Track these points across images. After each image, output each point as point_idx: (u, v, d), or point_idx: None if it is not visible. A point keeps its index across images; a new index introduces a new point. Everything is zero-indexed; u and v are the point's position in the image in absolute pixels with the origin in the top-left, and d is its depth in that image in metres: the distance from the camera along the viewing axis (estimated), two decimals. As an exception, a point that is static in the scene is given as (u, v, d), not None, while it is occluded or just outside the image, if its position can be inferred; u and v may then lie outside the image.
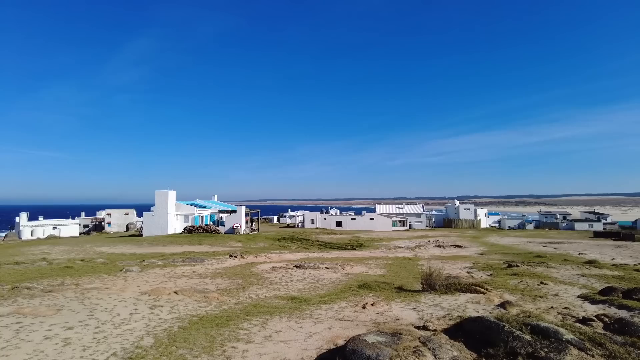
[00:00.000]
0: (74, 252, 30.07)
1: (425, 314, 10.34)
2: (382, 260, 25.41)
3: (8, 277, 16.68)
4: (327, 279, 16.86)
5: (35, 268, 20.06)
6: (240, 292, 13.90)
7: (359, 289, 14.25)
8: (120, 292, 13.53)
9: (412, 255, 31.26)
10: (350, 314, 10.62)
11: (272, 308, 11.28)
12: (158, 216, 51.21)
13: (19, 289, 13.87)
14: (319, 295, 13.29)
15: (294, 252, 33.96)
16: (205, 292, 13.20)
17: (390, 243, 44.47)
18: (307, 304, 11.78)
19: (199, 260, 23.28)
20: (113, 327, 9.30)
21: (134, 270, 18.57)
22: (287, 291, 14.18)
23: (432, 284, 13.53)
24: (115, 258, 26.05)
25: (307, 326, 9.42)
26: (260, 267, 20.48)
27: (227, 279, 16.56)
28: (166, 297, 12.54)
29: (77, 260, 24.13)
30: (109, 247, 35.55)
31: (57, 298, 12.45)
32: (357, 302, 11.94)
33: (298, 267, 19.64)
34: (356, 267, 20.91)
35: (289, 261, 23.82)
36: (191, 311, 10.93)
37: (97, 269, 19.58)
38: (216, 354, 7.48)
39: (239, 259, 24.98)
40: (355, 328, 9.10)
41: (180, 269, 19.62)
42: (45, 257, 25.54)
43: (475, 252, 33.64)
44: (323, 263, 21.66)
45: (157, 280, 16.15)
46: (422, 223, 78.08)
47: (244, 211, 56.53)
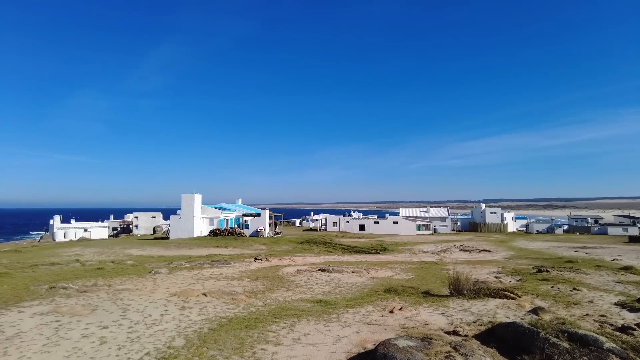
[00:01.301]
0: (105, 254, 30.95)
1: (455, 319, 10.17)
2: (407, 265, 25.14)
3: (45, 277, 17.33)
4: (352, 283, 16.80)
5: (69, 269, 20.75)
6: (267, 294, 14.01)
7: (385, 293, 14.14)
8: (150, 293, 13.86)
9: (438, 259, 30.79)
10: (377, 318, 10.55)
11: (299, 311, 11.32)
12: (185, 219, 52.18)
13: (56, 288, 14.40)
14: (345, 299, 13.25)
15: (317, 256, 33.98)
16: (232, 294, 13.37)
17: (414, 247, 43.94)
18: (334, 308, 11.77)
19: (225, 263, 23.58)
20: (145, 328, 9.54)
21: (162, 272, 18.98)
22: (313, 294, 14.20)
23: (460, 289, 13.31)
24: (143, 260, 26.66)
25: (335, 330, 9.41)
26: (285, 270, 20.58)
27: (254, 282, 16.71)
28: (195, 299, 12.77)
29: (108, 261, 24.83)
30: (137, 249, 36.43)
31: (91, 298, 12.87)
32: (384, 307, 11.85)
33: (323, 271, 19.63)
34: (381, 271, 20.75)
35: (313, 264, 23.86)
36: (220, 313, 11.09)
37: (127, 271, 20.11)
38: (246, 356, 7.56)
39: (264, 262, 25.18)
40: (383, 332, 9.04)
41: (207, 271, 19.93)
42: (78, 259, 26.38)
43: (503, 257, 32.86)
44: (347, 267, 21.58)
45: (185, 282, 16.46)
46: (447, 227, 76.83)
47: (268, 214, 57.00)
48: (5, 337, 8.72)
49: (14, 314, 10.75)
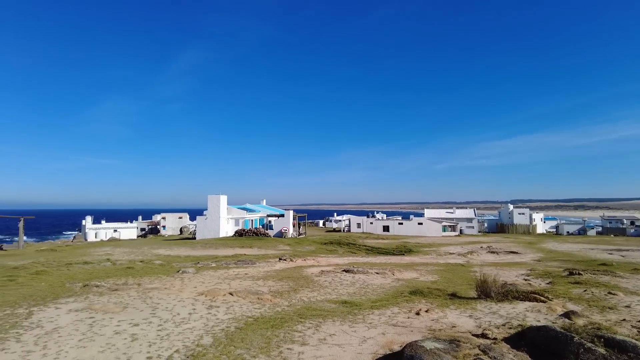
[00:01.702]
0: (134, 254, 31.82)
1: (483, 322, 9.98)
2: (433, 266, 24.83)
3: (79, 276, 17.99)
4: (377, 284, 16.71)
5: (101, 268, 21.46)
6: (292, 294, 14.10)
7: (410, 295, 14.02)
8: (178, 292, 14.18)
9: (464, 261, 30.27)
10: (403, 319, 10.47)
11: (324, 311, 11.35)
12: (211, 220, 53.08)
13: (89, 286, 14.92)
14: (370, 300, 13.20)
15: (341, 257, 33.96)
16: (258, 293, 13.53)
17: (440, 249, 43.33)
18: (359, 309, 11.75)
19: (251, 263, 23.87)
20: (174, 326, 9.77)
21: (189, 271, 19.38)
22: (337, 295, 14.21)
23: (488, 291, 13.05)
24: (171, 260, 27.30)
25: (361, 330, 9.39)
26: (310, 271, 20.67)
27: (279, 282, 16.86)
28: (222, 298, 12.98)
29: (137, 261, 25.54)
30: (165, 249, 37.30)
31: (122, 296, 13.26)
32: (410, 308, 11.74)
33: (347, 272, 19.61)
34: (406, 273, 20.57)
35: (337, 265, 23.86)
36: (246, 312, 11.24)
37: (155, 270, 20.63)
38: (273, 355, 7.63)
39: (288, 262, 25.35)
40: (410, 334, 8.96)
41: (233, 271, 20.22)
42: (109, 258, 27.24)
43: (532, 259, 31.99)
44: (372, 268, 21.48)
45: (212, 281, 16.76)
46: (474, 228, 75.36)
47: (292, 215, 57.35)
48: (44, 332, 9.13)
49: (51, 310, 11.21)
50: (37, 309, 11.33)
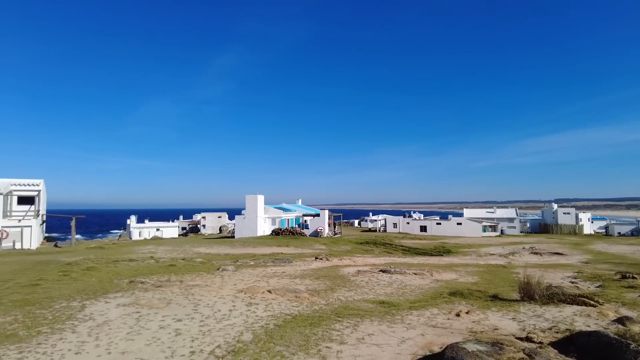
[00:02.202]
0: (176, 252, 32.93)
1: (527, 325, 9.62)
2: (473, 268, 24.18)
3: (125, 272, 18.84)
4: (415, 285, 16.48)
5: (145, 265, 22.37)
6: (329, 293, 14.15)
7: (450, 296, 13.72)
8: (218, 289, 14.57)
9: (506, 262, 29.27)
10: (443, 321, 10.27)
11: (361, 311, 11.32)
12: (249, 219, 54.12)
13: (135, 283, 15.60)
14: (408, 301, 13.04)
15: (377, 257, 33.70)
16: (296, 292, 13.67)
17: (480, 249, 42.10)
18: (397, 309, 11.63)
19: (288, 262, 24.15)
20: (215, 322, 10.05)
21: (229, 269, 19.86)
22: (375, 295, 14.13)
23: (531, 294, 12.56)
24: (211, 258, 28.04)
25: (399, 331, 9.30)
26: (346, 270, 20.65)
27: (315, 280, 16.96)
28: (261, 296, 13.22)
29: (179, 259, 26.42)
30: (205, 247, 38.37)
31: (165, 293, 13.78)
32: (450, 310, 11.50)
33: (384, 272, 19.45)
34: (445, 274, 20.15)
35: (374, 265, 23.70)
36: (284, 310, 11.39)
37: (196, 268, 21.28)
38: (311, 353, 7.70)
39: (324, 262, 25.44)
40: (450, 336, 8.78)
41: (271, 269, 20.54)
42: (153, 256, 28.33)
43: (579, 261, 30.48)
44: (409, 268, 21.19)
45: (250, 279, 17.09)
46: (516, 228, 72.71)
47: (327, 215, 57.48)
48: (96, 324, 9.65)
49: (102, 304, 11.82)
50: (89, 303, 11.98)
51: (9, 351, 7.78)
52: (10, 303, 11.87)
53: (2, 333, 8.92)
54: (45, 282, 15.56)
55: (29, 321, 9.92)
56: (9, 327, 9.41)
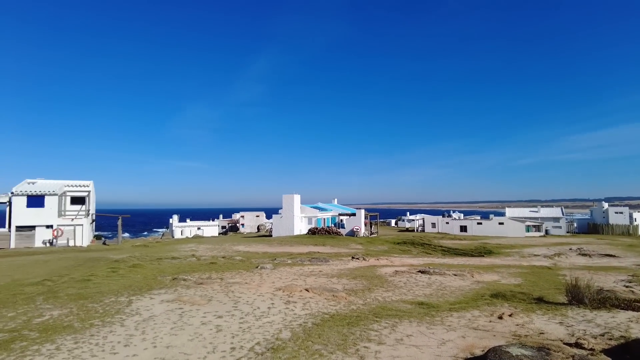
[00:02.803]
0: (216, 250, 33.81)
1: (576, 330, 9.17)
2: (516, 269, 23.29)
3: (168, 270, 19.57)
4: (455, 286, 16.09)
5: (187, 263, 23.12)
6: (367, 293, 14.08)
7: (492, 298, 13.30)
8: (257, 287, 14.83)
9: (551, 264, 27.99)
10: (485, 323, 9.97)
11: (400, 312, 11.19)
12: (285, 218, 54.77)
13: (177, 280, 16.17)
14: (448, 302, 12.75)
15: (415, 257, 33.17)
16: (333, 291, 13.70)
17: (523, 250, 40.52)
18: (437, 310, 11.41)
19: (324, 261, 24.23)
20: (255, 319, 10.25)
21: (267, 267, 20.17)
22: (413, 296, 13.92)
23: (580, 297, 11.96)
24: (250, 256, 28.59)
25: (439, 332, 9.12)
26: (383, 270, 20.46)
27: (352, 280, 16.92)
28: (298, 294, 13.35)
29: (219, 257, 27.11)
30: (244, 246, 39.16)
31: (206, 290, 14.19)
32: (492, 312, 11.15)
33: (423, 272, 19.11)
34: (486, 275, 19.54)
35: (412, 266, 23.34)
36: (322, 309, 11.44)
37: (236, 266, 21.76)
38: (350, 352, 7.70)
39: (361, 261, 25.32)
40: (492, 339, 8.52)
41: (308, 268, 20.68)
42: (194, 254, 29.22)
43: (633, 263, 28.65)
44: (449, 269, 20.72)
45: (288, 277, 17.29)
46: (562, 228, 69.41)
47: (363, 214, 57.18)
48: (142, 319, 10.10)
49: (147, 300, 12.35)
50: (135, 298, 12.54)
51: (65, 341, 8.34)
52: (66, 296, 12.67)
53: (60, 324, 9.57)
54: (95, 277, 16.44)
55: (83, 314, 10.55)
56: (65, 318, 10.07)
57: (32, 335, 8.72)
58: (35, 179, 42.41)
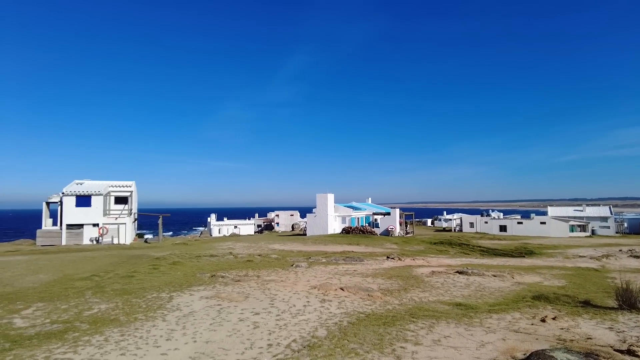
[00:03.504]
0: (252, 248, 34.43)
1: (628, 336, 8.67)
2: (559, 270, 22.31)
3: (207, 267, 20.12)
4: (494, 287, 15.62)
5: (225, 260, 23.69)
6: (402, 293, 13.92)
7: (534, 300, 12.81)
8: (293, 285, 14.99)
9: (599, 266, 26.60)
10: (526, 326, 9.62)
11: (437, 312, 10.99)
12: (319, 217, 54.98)
13: (216, 277, 16.59)
14: (487, 304, 12.40)
15: (453, 257, 32.45)
16: (368, 290, 13.64)
17: (567, 251, 38.76)
18: (475, 312, 11.12)
19: (359, 260, 24.15)
20: (291, 317, 10.37)
21: (302, 266, 20.34)
22: (451, 297, 13.63)
23: (632, 302, 11.30)
24: (285, 254, 28.93)
25: (478, 334, 8.89)
26: (419, 271, 20.15)
27: (388, 280, 16.77)
28: (333, 293, 13.38)
29: (256, 255, 27.60)
30: (279, 244, 39.65)
31: (244, 287, 14.48)
32: (534, 314, 10.75)
33: (460, 273, 18.68)
34: (527, 276, 18.83)
35: (449, 266, 22.86)
36: (357, 308, 11.42)
37: (272, 264, 22.08)
38: (386, 352, 7.64)
39: (397, 261, 25.05)
40: (534, 342, 8.21)
41: (343, 267, 20.69)
42: (231, 252, 29.89)
43: (692, 267, 26.78)
44: (488, 270, 20.13)
45: (323, 276, 17.36)
46: (610, 229, 65.81)
47: (398, 213, 56.49)
48: (183, 314, 10.46)
49: (187, 296, 12.76)
50: (175, 294, 12.99)
51: (113, 333, 8.81)
52: (112, 291, 13.31)
53: (107, 317, 10.09)
54: (138, 274, 17.15)
55: (127, 308, 11.05)
56: (112, 312, 10.59)
57: (83, 327, 9.24)
58: (82, 179, 44.74)
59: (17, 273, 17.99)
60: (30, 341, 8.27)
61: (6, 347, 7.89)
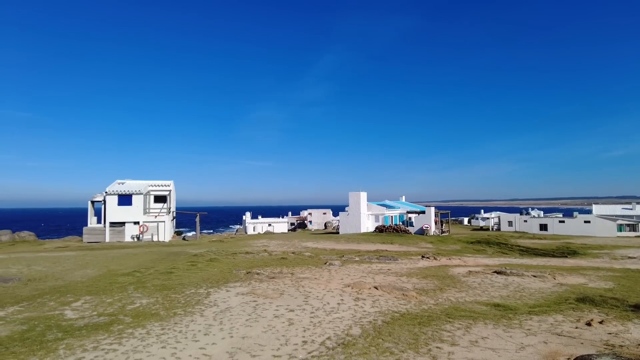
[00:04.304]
0: (286, 246, 34.80)
1: (683, 343, 8.15)
2: (606, 272, 21.22)
3: (243, 264, 20.53)
4: (534, 288, 15.06)
5: (259, 257, 24.08)
6: (438, 293, 13.67)
7: (578, 303, 12.25)
8: (326, 283, 15.05)
9: (650, 267, 25.11)
10: (570, 329, 9.23)
11: (474, 313, 10.72)
12: (352, 216, 54.83)
13: (251, 274, 16.90)
14: (527, 305, 11.97)
15: (490, 257, 31.52)
16: (403, 290, 13.48)
17: (615, 251, 36.78)
18: (514, 313, 10.77)
19: (393, 259, 23.92)
20: (325, 314, 10.42)
21: (335, 264, 20.37)
22: (488, 297, 13.26)
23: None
24: (318, 252, 29.06)
25: (517, 336, 8.61)
26: (456, 270, 19.72)
27: (423, 280, 16.52)
28: (367, 292, 13.33)
29: (290, 252, 27.89)
30: (312, 242, 39.88)
31: (278, 284, 14.68)
32: (578, 318, 10.29)
33: (499, 273, 18.13)
34: (571, 278, 18.03)
35: (487, 266, 22.24)
36: (392, 307, 11.32)
37: (305, 261, 22.24)
38: (422, 352, 7.55)
39: (432, 260, 24.62)
40: (579, 347, 7.87)
41: (376, 266, 20.55)
42: (266, 249, 30.34)
43: None
44: (528, 270, 19.43)
45: (356, 274, 17.32)
46: (663, 228, 61.91)
47: (433, 212, 55.45)
48: (220, 310, 10.74)
49: (223, 292, 13.07)
50: (213, 290, 13.35)
51: (154, 327, 9.18)
52: (153, 287, 13.83)
53: (149, 311, 10.51)
54: (177, 270, 17.73)
55: (167, 303, 11.46)
56: (152, 307, 11.01)
57: (127, 320, 9.67)
58: (124, 179, 46.67)
59: (67, 268, 19.05)
60: (80, 332, 8.75)
61: (59, 337, 8.41)
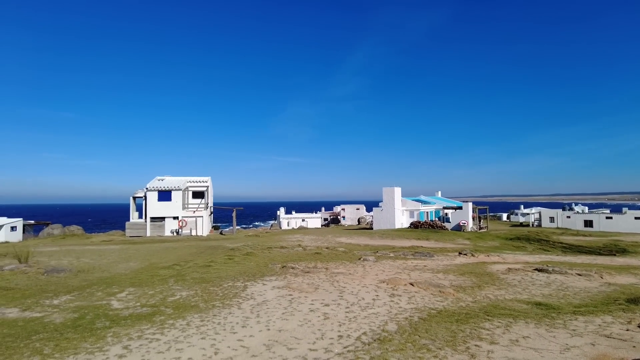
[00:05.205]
0: (320, 241, 34.98)
1: None
2: (659, 271, 20.00)
3: (278, 258, 20.82)
4: (579, 287, 14.40)
5: (294, 252, 24.33)
6: (476, 290, 13.35)
7: (629, 304, 11.60)
8: (361, 278, 15.02)
9: None
10: (620, 332, 8.76)
11: (514, 311, 10.40)
12: (386, 211, 54.35)
13: (287, 268, 17.11)
14: (571, 305, 11.48)
15: (531, 254, 30.42)
16: (440, 286, 13.26)
17: (668, 250, 34.63)
18: (558, 313, 10.35)
19: (428, 255, 23.54)
20: (360, 310, 10.41)
21: (370, 259, 20.29)
22: (529, 295, 12.81)
23: None
24: (352, 248, 29.02)
25: (562, 337, 8.28)
26: (494, 267, 19.17)
27: (460, 276, 16.17)
28: (403, 288, 13.20)
29: (324, 247, 28.01)
30: (346, 237, 39.88)
31: (313, 278, 14.79)
32: (629, 319, 9.75)
33: (540, 271, 17.47)
34: (620, 277, 17.12)
35: (527, 263, 21.48)
36: (428, 304, 11.16)
37: (339, 257, 22.28)
38: (459, 350, 7.40)
39: (469, 257, 24.06)
40: (631, 350, 7.47)
41: (412, 262, 20.30)
42: (300, 244, 30.61)
43: None
44: (572, 268, 18.60)
45: (391, 270, 17.18)
46: None
47: (471, 207, 54.07)
48: (257, 303, 10.96)
49: (260, 286, 13.32)
50: (249, 284, 13.62)
51: (193, 318, 9.49)
52: (192, 280, 14.28)
53: (188, 304, 10.87)
54: (215, 264, 18.21)
55: (206, 296, 11.81)
56: (192, 299, 11.38)
57: (168, 311, 10.05)
58: (163, 176, 48.34)
59: (111, 260, 19.99)
60: (125, 321, 9.18)
61: (107, 325, 8.87)
